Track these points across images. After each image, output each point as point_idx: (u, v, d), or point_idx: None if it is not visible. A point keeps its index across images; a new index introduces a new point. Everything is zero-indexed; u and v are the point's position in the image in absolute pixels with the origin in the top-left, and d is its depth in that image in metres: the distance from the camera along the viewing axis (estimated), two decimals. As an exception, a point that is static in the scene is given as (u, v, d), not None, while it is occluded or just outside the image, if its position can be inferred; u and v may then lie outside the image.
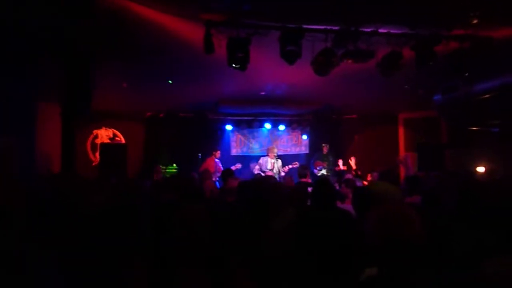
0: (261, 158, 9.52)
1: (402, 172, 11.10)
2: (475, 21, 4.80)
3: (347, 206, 3.32)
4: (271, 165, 9.19)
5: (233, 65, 4.94)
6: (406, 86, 7.77)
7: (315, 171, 9.81)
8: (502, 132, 8.02)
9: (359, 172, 9.21)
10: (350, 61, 5.16)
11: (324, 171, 9.54)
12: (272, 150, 9.38)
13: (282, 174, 9.14)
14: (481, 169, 8.27)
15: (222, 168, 9.79)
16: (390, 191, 2.46)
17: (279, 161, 9.43)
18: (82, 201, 2.60)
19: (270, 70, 6.74)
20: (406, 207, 1.69)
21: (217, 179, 8.85)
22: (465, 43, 5.25)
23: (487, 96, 7.10)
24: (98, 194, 1.80)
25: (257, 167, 9.39)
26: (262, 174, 8.83)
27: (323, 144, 10.15)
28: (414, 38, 5.14)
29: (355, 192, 3.08)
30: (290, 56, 4.88)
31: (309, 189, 4.85)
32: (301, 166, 6.43)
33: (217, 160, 9.90)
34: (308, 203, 3.54)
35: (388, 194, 2.42)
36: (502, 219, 2.28)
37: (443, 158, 9.72)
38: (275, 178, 5.92)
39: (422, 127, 11.18)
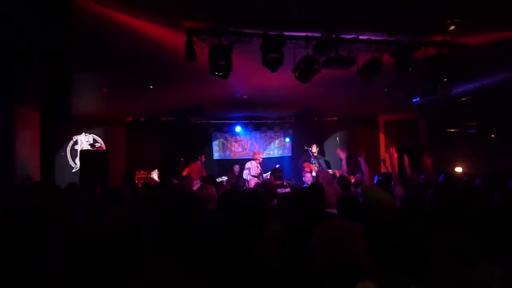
0: (249, 162, 9.48)
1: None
2: (452, 28, 4.91)
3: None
4: (258, 169, 9.14)
5: (216, 73, 4.92)
6: (385, 90, 7.89)
7: (304, 173, 9.84)
8: (479, 134, 8.23)
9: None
10: (331, 67, 5.21)
11: (314, 174, 9.54)
12: (259, 154, 9.32)
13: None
14: (459, 170, 8.45)
15: (205, 174, 9.76)
16: (382, 198, 2.47)
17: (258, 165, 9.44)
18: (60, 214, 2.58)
19: (252, 76, 6.75)
20: (350, 223, 1.69)
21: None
22: (443, 49, 5.36)
23: (464, 99, 7.29)
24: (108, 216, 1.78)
25: (246, 171, 9.29)
26: (254, 179, 8.73)
27: (312, 144, 10.14)
28: (394, 44, 5.22)
29: (341, 199, 3.08)
30: (272, 64, 4.89)
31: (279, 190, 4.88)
32: (274, 168, 6.45)
33: (201, 165, 9.86)
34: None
35: (380, 200, 2.43)
36: (477, 223, 2.35)
37: (422, 158, 9.89)
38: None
39: (402, 128, 11.37)
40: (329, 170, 9.60)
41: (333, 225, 1.69)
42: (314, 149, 9.91)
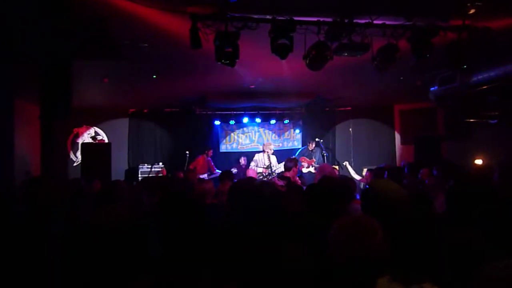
0: (257, 154, 9.51)
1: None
2: (472, 11, 4.83)
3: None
4: (268, 161, 9.16)
5: (222, 61, 4.90)
6: (401, 78, 7.82)
7: (300, 167, 9.84)
8: (501, 124, 8.13)
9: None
10: (344, 54, 5.16)
11: (312, 169, 9.52)
12: (269, 146, 9.34)
13: (279, 170, 9.14)
14: (479, 162, 8.38)
15: (215, 168, 9.81)
16: (393, 190, 2.42)
17: (275, 157, 9.44)
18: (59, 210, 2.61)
19: (260, 64, 6.72)
20: (368, 217, 1.73)
21: (210, 178, 8.86)
22: (462, 33, 5.28)
23: (485, 87, 7.19)
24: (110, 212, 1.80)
25: (253, 164, 9.35)
26: (258, 170, 8.78)
27: (309, 141, 10.13)
28: (411, 29, 5.14)
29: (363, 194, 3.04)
30: (281, 51, 4.85)
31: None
32: (288, 159, 6.47)
33: (209, 158, 9.90)
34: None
35: (391, 193, 2.38)
36: (493, 218, 2.27)
37: (441, 150, 9.87)
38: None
39: (419, 119, 11.28)
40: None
41: (351, 219, 1.72)
42: (312, 144, 9.93)
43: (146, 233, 1.83)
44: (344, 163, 8.86)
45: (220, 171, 9.37)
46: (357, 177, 8.04)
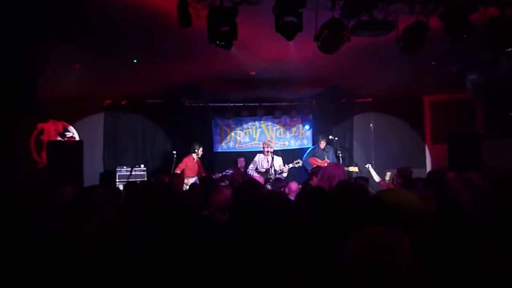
0: (258, 155, 9.57)
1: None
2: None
3: None
4: (268, 163, 9.19)
5: (216, 42, 4.90)
6: (432, 63, 7.81)
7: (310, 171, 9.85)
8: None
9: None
10: (363, 34, 5.16)
11: None
12: (269, 145, 9.38)
13: (285, 174, 9.17)
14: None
15: (203, 171, 9.81)
16: (408, 203, 2.47)
17: (279, 159, 9.47)
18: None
19: (262, 46, 6.72)
20: (392, 230, 1.77)
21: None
22: (506, 9, 5.27)
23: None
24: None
25: (251, 166, 9.39)
26: (256, 174, 8.86)
27: (321, 139, 10.14)
28: (444, 4, 5.14)
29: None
30: (288, 30, 4.84)
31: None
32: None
33: (198, 159, 9.90)
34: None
35: (405, 206, 2.43)
36: None
37: (480, 151, 9.84)
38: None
39: (454, 113, 11.27)
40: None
41: (373, 231, 1.77)
42: (323, 143, 9.94)
43: (132, 252, 1.85)
44: (366, 166, 8.86)
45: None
46: (381, 182, 8.08)
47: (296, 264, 2.10)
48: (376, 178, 8.35)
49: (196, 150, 9.87)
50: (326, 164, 9.33)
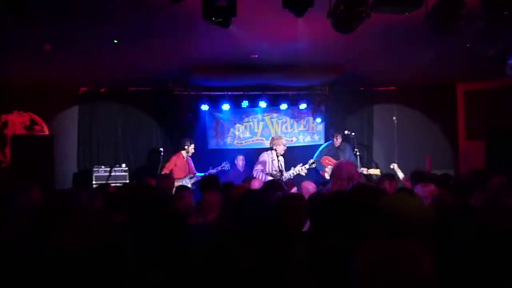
0: (265, 153, 9.58)
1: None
2: None
3: None
4: (277, 164, 9.25)
5: (212, 19, 4.91)
6: (468, 45, 7.81)
7: (323, 173, 9.84)
8: None
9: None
10: (386, 11, 5.17)
11: None
12: (280, 142, 9.41)
13: (296, 173, 9.23)
14: None
15: (195, 171, 9.82)
16: (414, 211, 2.57)
17: (281, 159, 9.51)
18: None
19: (266, 24, 6.73)
20: (410, 241, 1.79)
21: (193, 187, 8.87)
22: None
23: None
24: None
25: (259, 167, 9.39)
26: (268, 178, 8.80)
27: (335, 134, 10.14)
28: (481, -25, 5.15)
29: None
30: (296, 5, 4.85)
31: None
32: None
33: (188, 157, 9.96)
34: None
35: (409, 216, 2.54)
36: None
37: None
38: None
39: (493, 104, 11.24)
40: (362, 169, 9.58)
41: (386, 243, 1.79)
42: (339, 139, 9.94)
43: (119, 264, 1.88)
44: (392, 166, 8.87)
45: (201, 175, 9.41)
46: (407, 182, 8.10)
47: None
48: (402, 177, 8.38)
49: (186, 147, 9.90)
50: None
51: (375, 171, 9.63)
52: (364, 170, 9.60)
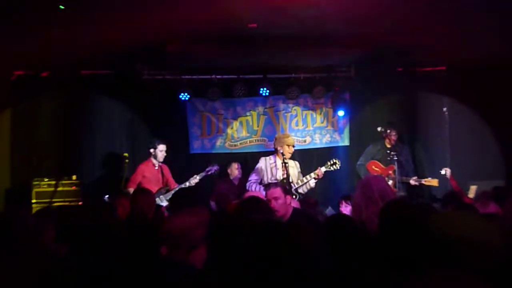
0: (263, 158, 9.58)
1: None
2: None
3: None
4: (282, 170, 9.21)
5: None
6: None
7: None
8: None
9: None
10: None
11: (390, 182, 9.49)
12: (286, 141, 9.37)
13: (312, 185, 9.26)
14: None
15: (173, 181, 9.78)
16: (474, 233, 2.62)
17: (295, 165, 9.52)
18: None
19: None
20: (473, 278, 1.90)
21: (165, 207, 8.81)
22: None
23: None
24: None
25: (253, 177, 9.40)
26: (262, 191, 8.75)
27: (387, 130, 10.10)
28: None
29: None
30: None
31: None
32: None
33: (162, 165, 9.96)
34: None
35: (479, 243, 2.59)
36: None
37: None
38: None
39: None
40: (413, 179, 9.59)
41: (439, 278, 1.89)
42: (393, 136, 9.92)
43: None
44: (443, 171, 8.88)
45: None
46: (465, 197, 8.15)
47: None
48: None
49: (153, 150, 9.92)
50: (391, 174, 9.32)
51: (432, 182, 9.63)
52: (413, 180, 9.62)
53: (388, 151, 9.89)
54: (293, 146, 9.37)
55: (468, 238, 2.61)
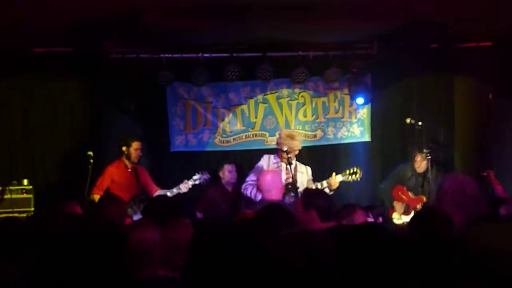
0: (265, 156, 9.62)
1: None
2: None
3: None
4: (287, 174, 9.10)
5: None
6: None
7: (391, 211, 9.85)
8: None
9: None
10: None
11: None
12: (293, 138, 9.30)
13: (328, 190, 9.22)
14: None
15: (155, 187, 9.68)
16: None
17: (306, 170, 9.47)
18: None
19: None
20: None
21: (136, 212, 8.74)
22: None
23: None
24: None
25: (251, 178, 9.30)
26: (257, 197, 8.65)
27: (414, 153, 10.05)
28: None
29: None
30: None
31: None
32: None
33: (138, 167, 9.91)
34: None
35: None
36: None
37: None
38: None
39: None
40: None
41: None
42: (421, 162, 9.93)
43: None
44: (485, 174, 9.00)
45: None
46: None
47: None
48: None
49: (125, 148, 9.83)
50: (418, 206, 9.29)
51: None
52: None
53: (415, 173, 9.85)
54: (299, 146, 9.29)
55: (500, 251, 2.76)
